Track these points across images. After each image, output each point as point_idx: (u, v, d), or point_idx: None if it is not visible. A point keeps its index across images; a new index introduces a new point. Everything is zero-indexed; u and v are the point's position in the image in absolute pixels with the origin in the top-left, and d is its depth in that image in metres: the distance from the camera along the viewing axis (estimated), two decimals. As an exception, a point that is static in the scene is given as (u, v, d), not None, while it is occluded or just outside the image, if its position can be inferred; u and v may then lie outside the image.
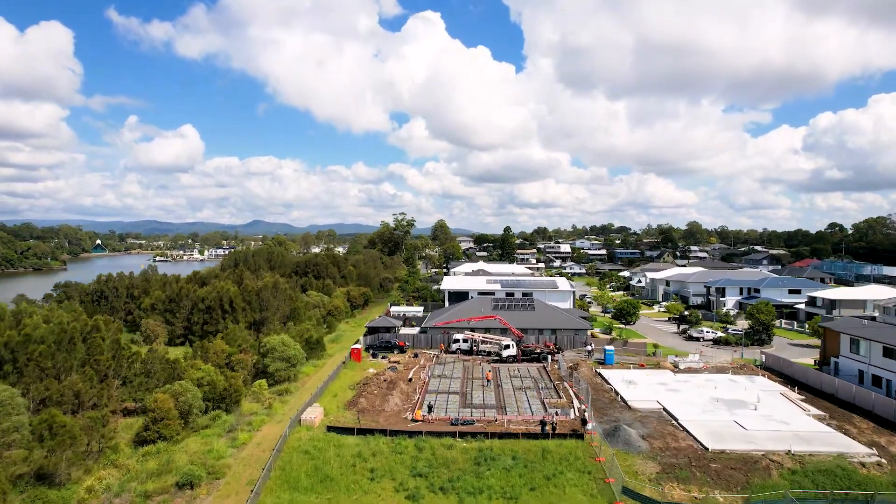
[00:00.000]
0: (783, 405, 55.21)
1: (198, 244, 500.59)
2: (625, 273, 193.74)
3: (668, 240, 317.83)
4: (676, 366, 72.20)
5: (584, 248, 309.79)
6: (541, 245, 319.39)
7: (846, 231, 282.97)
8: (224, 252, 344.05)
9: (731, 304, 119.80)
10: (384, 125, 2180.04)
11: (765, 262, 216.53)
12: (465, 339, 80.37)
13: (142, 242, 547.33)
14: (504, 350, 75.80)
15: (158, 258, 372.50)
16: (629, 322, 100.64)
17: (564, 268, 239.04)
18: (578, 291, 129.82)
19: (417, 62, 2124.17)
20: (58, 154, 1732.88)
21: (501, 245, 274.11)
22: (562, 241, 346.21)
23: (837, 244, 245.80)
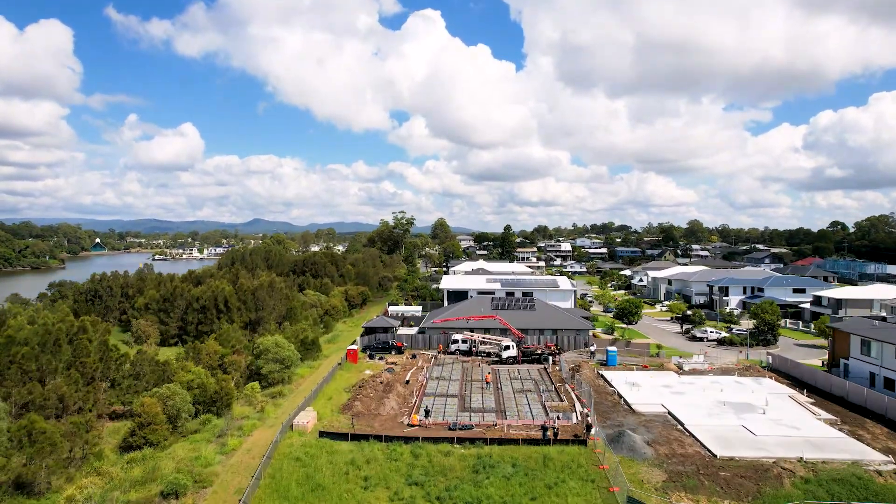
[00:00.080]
0: (792, 409, 53.45)
1: (197, 243, 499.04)
2: (626, 272, 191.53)
3: (669, 238, 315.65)
4: (680, 367, 70.39)
5: (585, 247, 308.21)
6: (541, 244, 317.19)
7: (848, 229, 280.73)
8: (224, 251, 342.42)
9: (735, 304, 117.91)
10: (384, 123, 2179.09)
11: (767, 261, 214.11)
12: (465, 340, 78.59)
13: (141, 241, 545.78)
14: (504, 351, 74.09)
15: (158, 257, 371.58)
16: (631, 322, 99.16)
17: (565, 266, 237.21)
18: (579, 290, 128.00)
19: (417, 60, 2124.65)
20: (57, 152, 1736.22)
21: (502, 243, 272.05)
22: (562, 240, 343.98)
23: (840, 243, 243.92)
